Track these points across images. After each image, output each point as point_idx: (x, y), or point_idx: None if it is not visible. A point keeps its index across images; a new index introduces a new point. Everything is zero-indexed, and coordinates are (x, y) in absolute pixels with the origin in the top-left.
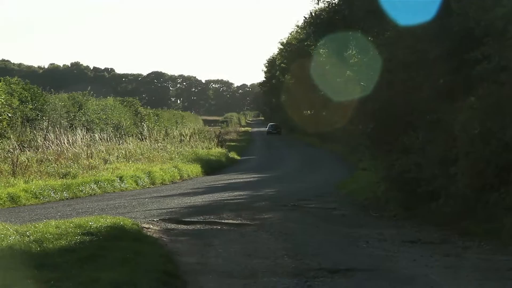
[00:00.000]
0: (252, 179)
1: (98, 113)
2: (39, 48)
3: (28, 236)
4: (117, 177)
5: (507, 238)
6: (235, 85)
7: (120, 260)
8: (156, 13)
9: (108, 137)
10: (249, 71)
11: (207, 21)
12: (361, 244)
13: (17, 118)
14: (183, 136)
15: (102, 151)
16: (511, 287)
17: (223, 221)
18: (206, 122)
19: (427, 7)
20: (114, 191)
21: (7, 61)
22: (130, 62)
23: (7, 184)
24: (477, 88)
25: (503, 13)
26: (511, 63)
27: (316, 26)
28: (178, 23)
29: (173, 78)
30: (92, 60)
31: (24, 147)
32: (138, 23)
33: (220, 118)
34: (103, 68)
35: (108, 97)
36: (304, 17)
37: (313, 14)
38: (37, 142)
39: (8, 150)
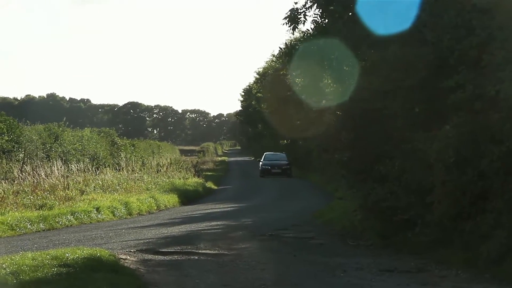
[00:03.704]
0: (229, 208)
1: (74, 144)
2: (14, 79)
3: (5, 269)
4: (94, 208)
5: (483, 266)
6: (212, 115)
7: None
8: (132, 42)
9: (85, 168)
10: (225, 101)
11: (183, 51)
12: (338, 273)
13: None
14: (160, 166)
15: (79, 182)
16: None
17: (200, 251)
18: (183, 152)
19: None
20: (91, 222)
21: None
22: (106, 93)
23: None
24: (452, 117)
25: (477, 43)
26: (486, 92)
27: (292, 56)
28: (154, 53)
29: (149, 108)
30: (68, 90)
31: (0, 179)
32: (114, 52)
33: (196, 148)
34: (79, 99)
35: (85, 128)
36: (280, 47)
37: (289, 44)
38: (13, 173)
39: None
